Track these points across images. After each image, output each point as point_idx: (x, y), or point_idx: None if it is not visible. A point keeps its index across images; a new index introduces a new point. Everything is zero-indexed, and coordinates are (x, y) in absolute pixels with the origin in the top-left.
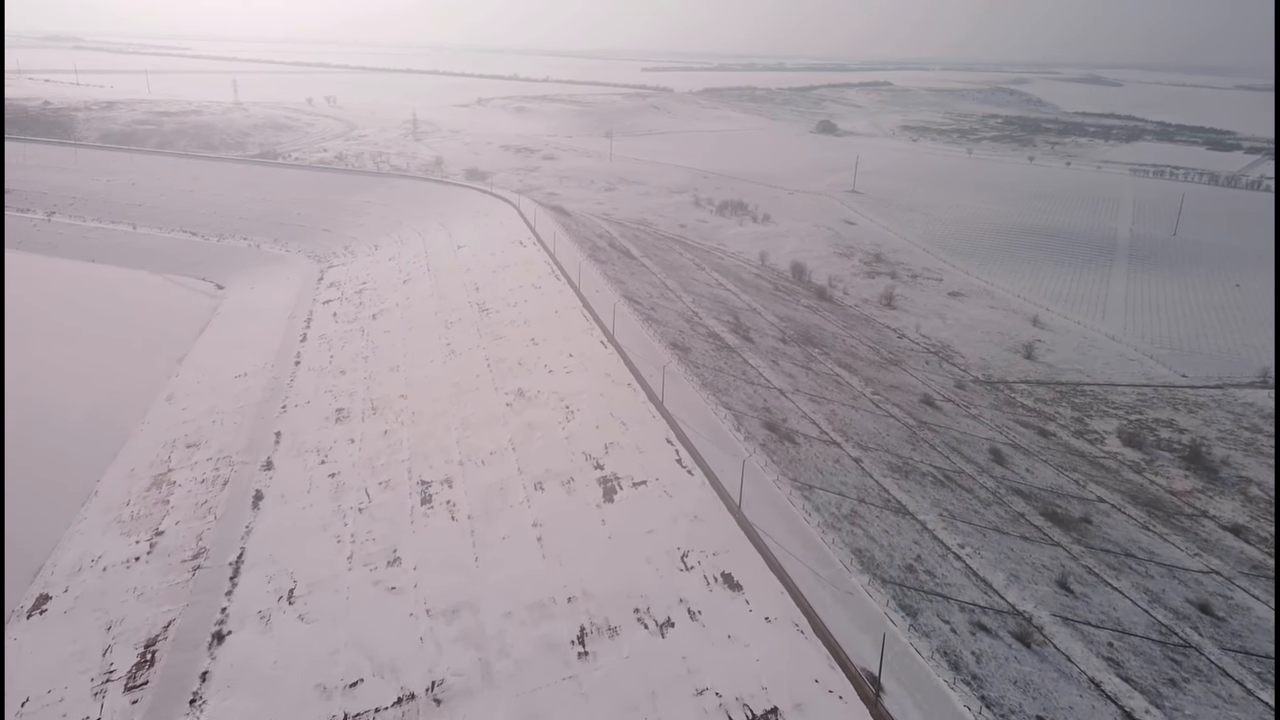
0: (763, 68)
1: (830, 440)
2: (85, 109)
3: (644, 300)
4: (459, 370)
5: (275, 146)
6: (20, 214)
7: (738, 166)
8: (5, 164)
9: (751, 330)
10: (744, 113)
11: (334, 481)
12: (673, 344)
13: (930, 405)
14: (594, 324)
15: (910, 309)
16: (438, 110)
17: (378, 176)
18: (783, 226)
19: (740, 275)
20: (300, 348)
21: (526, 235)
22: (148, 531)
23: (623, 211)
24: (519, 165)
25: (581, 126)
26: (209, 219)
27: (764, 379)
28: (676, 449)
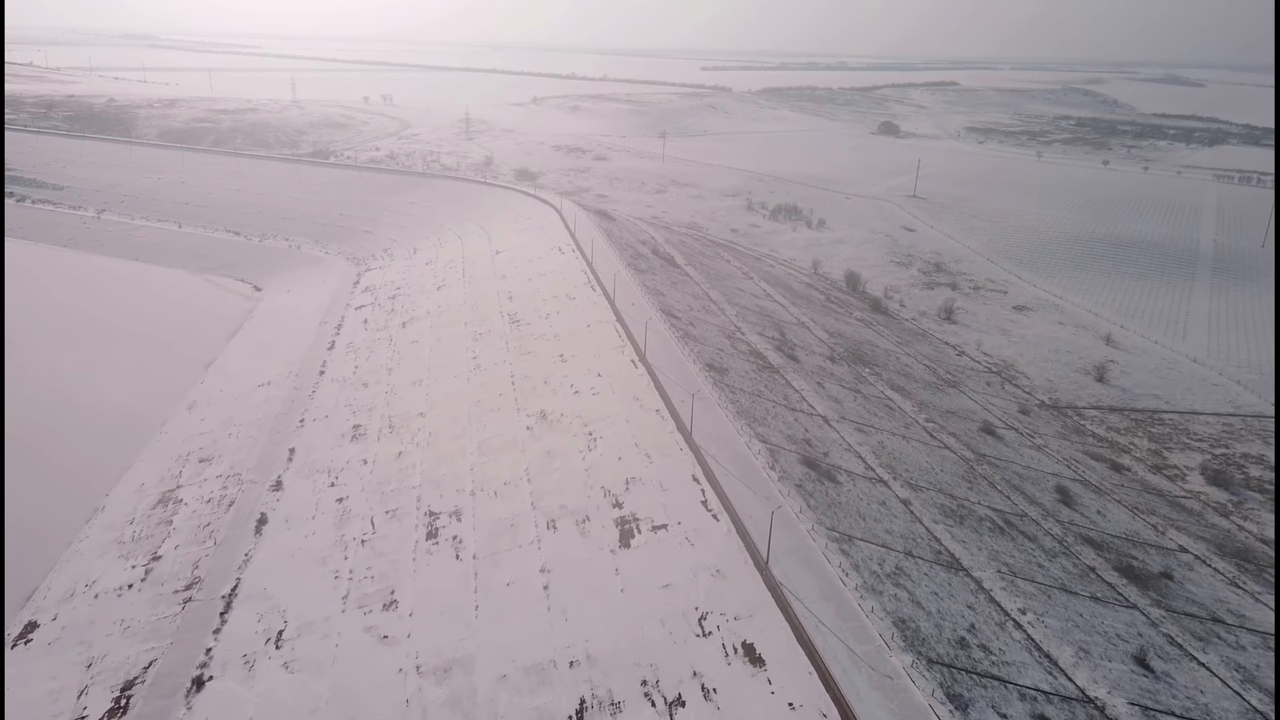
0: (825, 66)
1: (876, 478)
2: (147, 106)
3: (683, 314)
4: (482, 387)
5: (328, 145)
6: (72, 211)
7: (794, 169)
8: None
9: (797, 347)
10: (803, 113)
11: (341, 507)
12: (709, 365)
13: (990, 434)
14: (626, 341)
15: (971, 323)
16: (492, 109)
17: (422, 177)
18: (838, 233)
19: (790, 285)
20: (327, 356)
21: (566, 241)
22: (145, 555)
23: (672, 215)
24: (570, 166)
25: (636, 126)
26: (253, 218)
27: (807, 404)
28: (703, 488)
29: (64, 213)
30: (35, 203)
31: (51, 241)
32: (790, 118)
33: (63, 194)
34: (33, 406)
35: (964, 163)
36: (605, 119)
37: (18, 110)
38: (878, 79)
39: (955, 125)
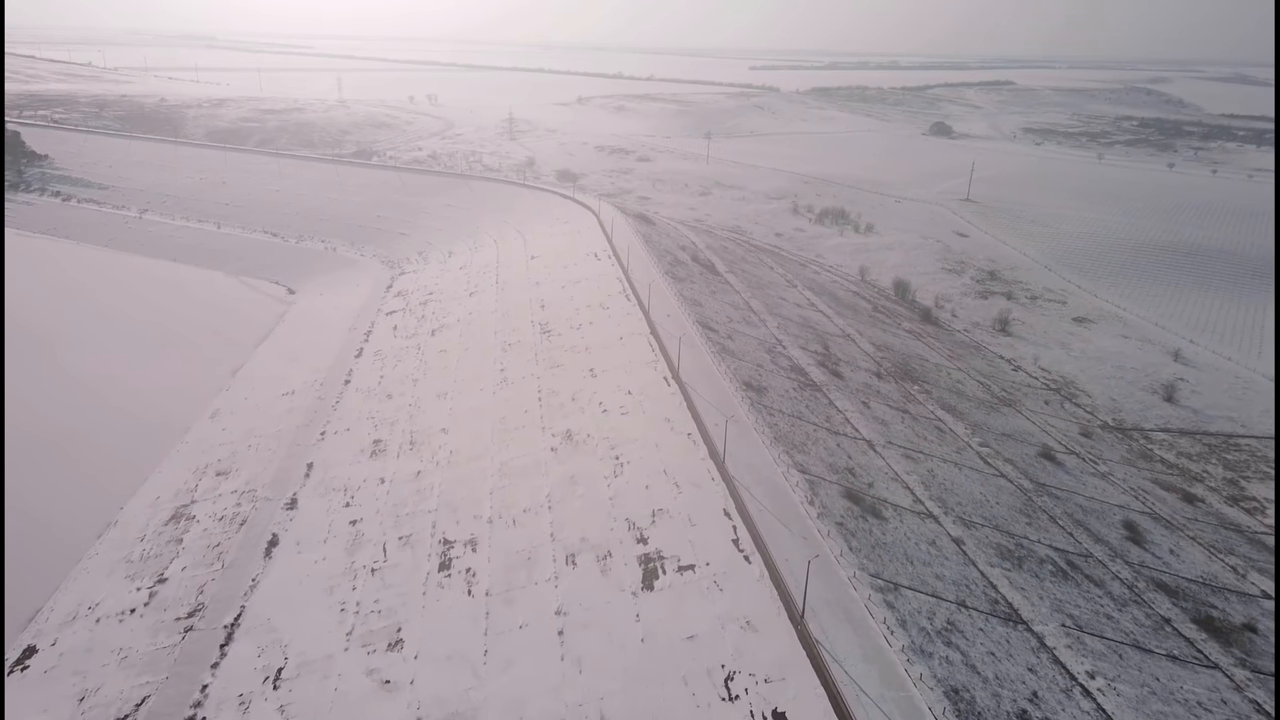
0: (875, 66)
1: (926, 513)
2: (196, 106)
3: (721, 326)
4: (508, 403)
5: (372, 145)
6: (115, 211)
7: (842, 171)
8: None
9: (842, 362)
10: (852, 113)
11: (354, 530)
12: (746, 384)
13: (1050, 460)
14: (659, 356)
15: (1028, 336)
16: (537, 109)
17: (460, 178)
18: (887, 238)
19: (836, 293)
20: (354, 364)
21: (603, 247)
22: (151, 577)
23: (715, 218)
24: (612, 167)
25: (681, 127)
26: (290, 220)
27: (851, 427)
28: (734, 525)
29: (107, 212)
30: (81, 202)
31: (93, 241)
32: (839, 118)
33: (108, 193)
34: (63, 410)
35: (1020, 165)
36: (650, 119)
37: (71, 110)
38: (930, 78)
39: (1011, 126)
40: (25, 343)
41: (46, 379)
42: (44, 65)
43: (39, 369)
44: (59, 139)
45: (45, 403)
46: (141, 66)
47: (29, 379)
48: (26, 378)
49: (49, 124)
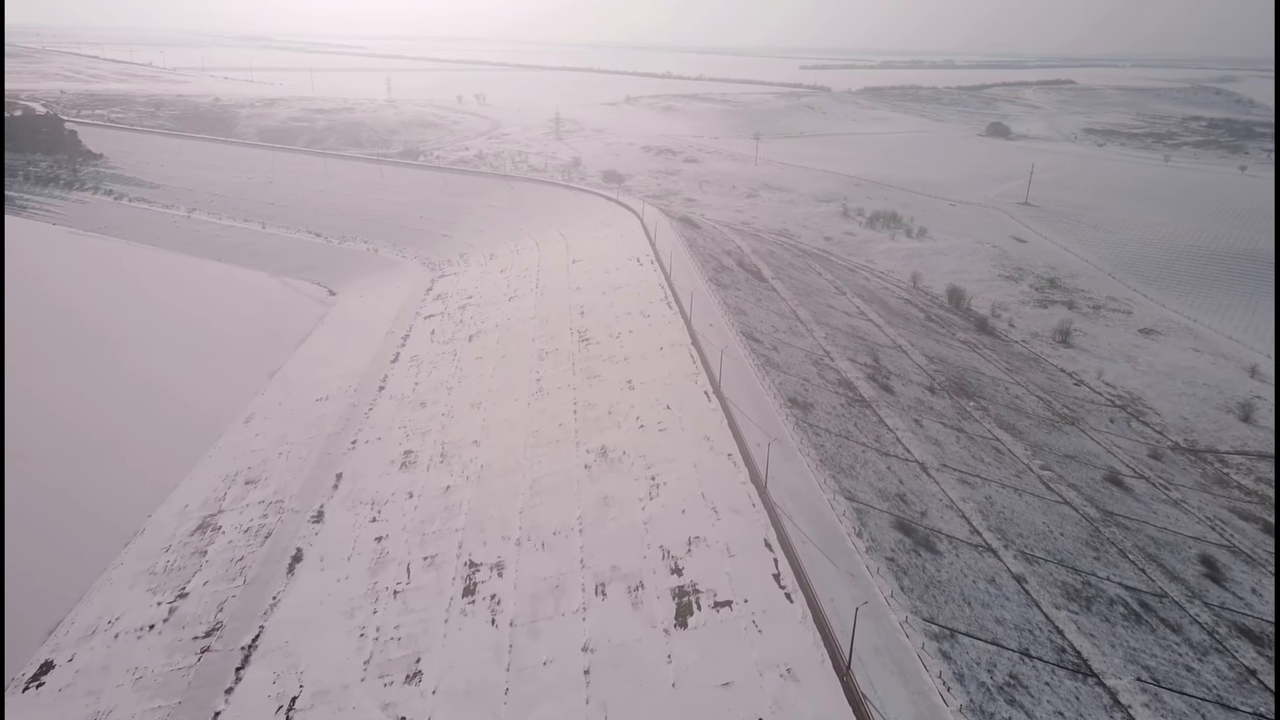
0: (930, 65)
1: (984, 546)
2: (249, 106)
3: (766, 337)
4: (543, 415)
5: (419, 144)
6: (164, 210)
7: (894, 173)
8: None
9: (893, 376)
10: (905, 114)
11: (379, 548)
12: (791, 400)
13: (1117, 485)
14: (701, 368)
15: (1091, 348)
16: (584, 108)
17: (504, 179)
18: (941, 243)
19: (887, 301)
20: (389, 370)
21: (646, 251)
22: (173, 591)
23: (763, 221)
24: (659, 168)
25: (729, 127)
26: (334, 220)
27: (902, 448)
28: (776, 558)
29: (157, 211)
30: (132, 201)
31: (142, 240)
32: (892, 118)
33: (158, 192)
34: (101, 411)
35: (1082, 167)
36: (698, 119)
37: (128, 109)
38: (985, 77)
39: (1072, 127)
40: (70, 342)
41: (89, 379)
42: (106, 65)
43: (84, 369)
44: (114, 138)
45: (84, 403)
46: (199, 66)
47: (72, 379)
48: (69, 377)
49: (106, 123)
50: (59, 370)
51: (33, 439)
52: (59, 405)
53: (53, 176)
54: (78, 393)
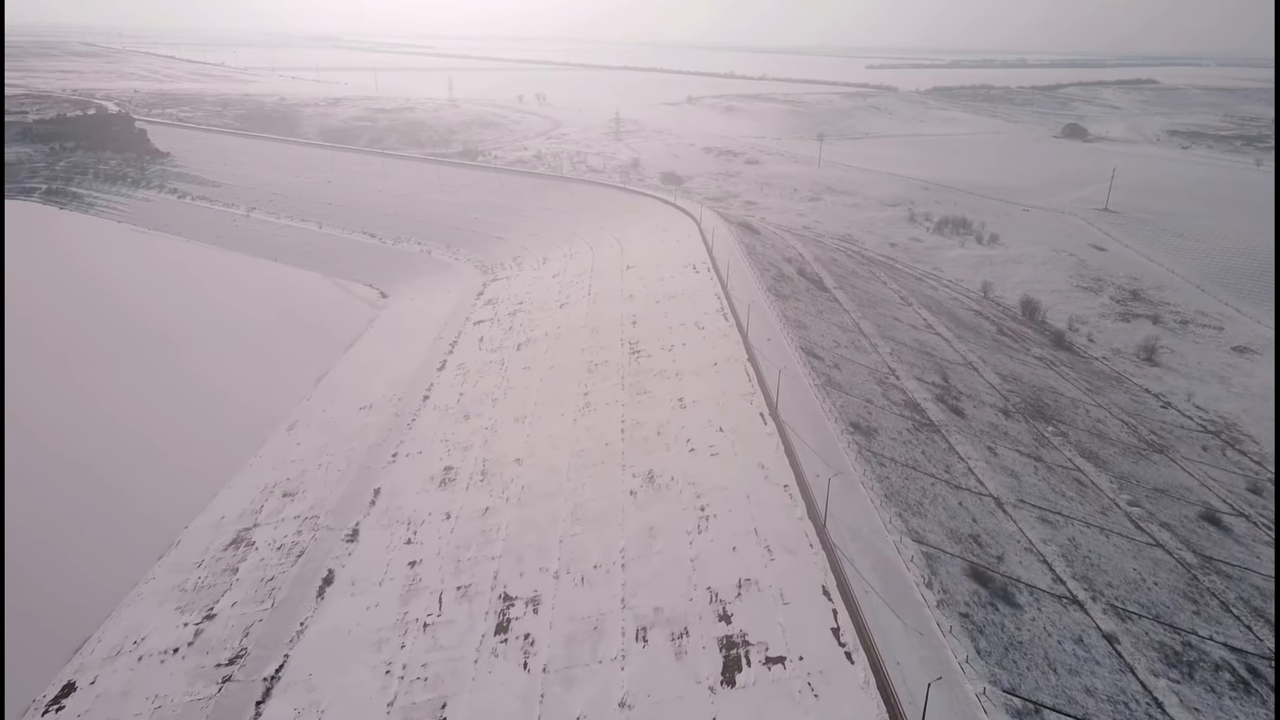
0: (1001, 64)
1: (1069, 598)
2: (313, 105)
3: (826, 353)
4: (589, 433)
5: (478, 144)
6: (225, 209)
7: (964, 176)
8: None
9: (964, 397)
10: (976, 114)
11: (411, 574)
12: (854, 424)
13: (1215, 524)
14: (757, 387)
15: (1179, 367)
16: (645, 108)
17: (561, 181)
18: (1013, 250)
19: (956, 313)
20: (435, 378)
21: (702, 258)
22: (201, 611)
23: (825, 225)
24: (719, 170)
25: (792, 128)
26: (389, 221)
27: (974, 480)
28: (835, 609)
29: (217, 210)
30: (195, 200)
31: (202, 239)
32: (961, 119)
33: (220, 191)
34: (153, 414)
35: (1166, 171)
36: (760, 120)
37: (197, 108)
38: (1060, 76)
39: (1154, 128)
40: (133, 342)
41: (148, 380)
42: (181, 66)
43: (143, 369)
44: (181, 137)
45: (141, 405)
46: (269, 66)
47: (132, 379)
48: (130, 378)
49: (174, 122)
50: (120, 370)
51: (88, 441)
52: (117, 406)
53: (121, 174)
54: (136, 394)
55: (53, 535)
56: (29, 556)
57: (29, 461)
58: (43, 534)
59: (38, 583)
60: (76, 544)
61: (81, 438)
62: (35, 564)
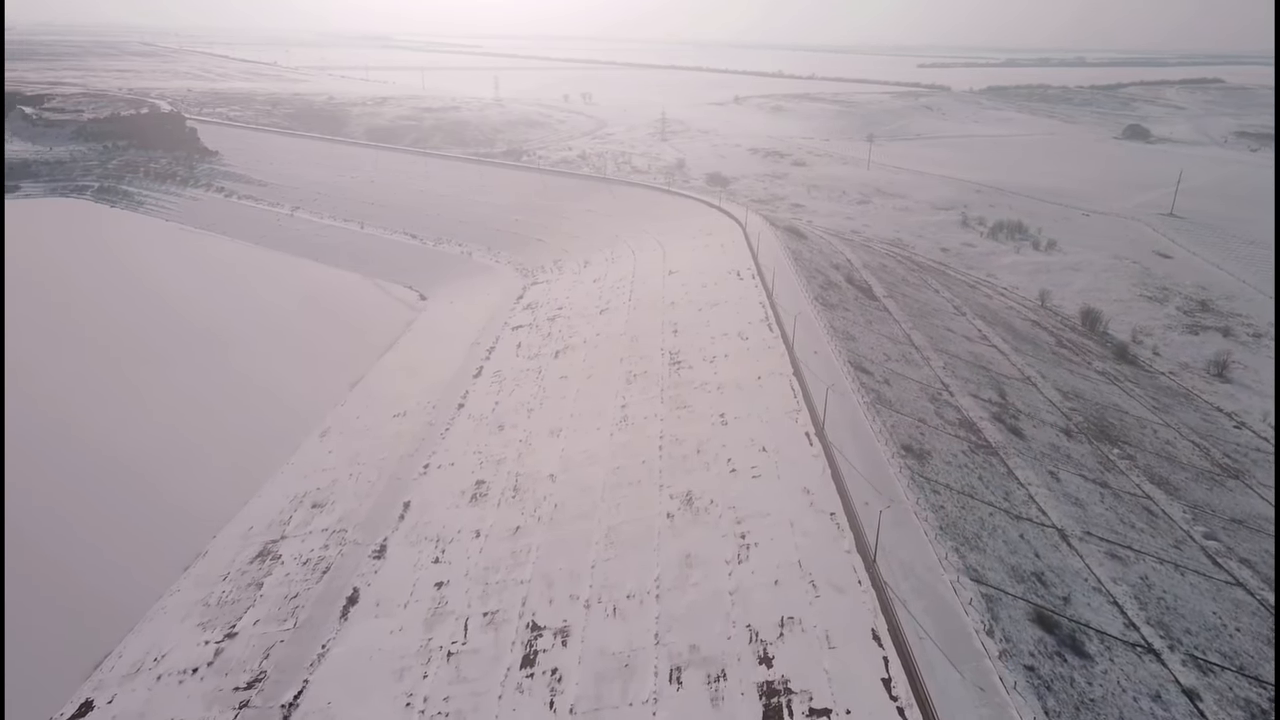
0: (1058, 63)
1: (1143, 646)
2: (360, 104)
3: (876, 367)
4: (625, 449)
5: (523, 144)
6: (270, 208)
7: (1020, 179)
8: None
9: (1022, 415)
10: (1032, 114)
11: (437, 596)
12: (905, 446)
13: None
14: (802, 404)
15: (1252, 384)
16: (691, 108)
17: (604, 182)
18: (1072, 256)
19: (1011, 323)
20: (470, 385)
21: (747, 264)
22: (223, 629)
23: (874, 229)
24: (765, 171)
25: (841, 129)
26: (431, 221)
27: (1036, 509)
28: (886, 656)
29: (262, 209)
30: (241, 198)
31: (245, 238)
32: (1017, 119)
33: (265, 190)
34: (184, 415)
35: (1234, 174)
36: (809, 120)
37: (247, 107)
38: (1122, 75)
39: (1221, 129)
40: (181, 342)
41: (180, 381)
42: (234, 65)
43: (189, 370)
44: (230, 136)
45: (183, 406)
46: (319, 65)
47: (177, 379)
48: (174, 378)
49: (224, 121)
50: (160, 370)
51: (126, 442)
52: (155, 406)
53: (171, 173)
54: (174, 394)
55: (88, 540)
56: (65, 560)
57: (69, 463)
58: (78, 538)
59: (71, 588)
60: (109, 552)
61: (119, 438)
62: (70, 568)
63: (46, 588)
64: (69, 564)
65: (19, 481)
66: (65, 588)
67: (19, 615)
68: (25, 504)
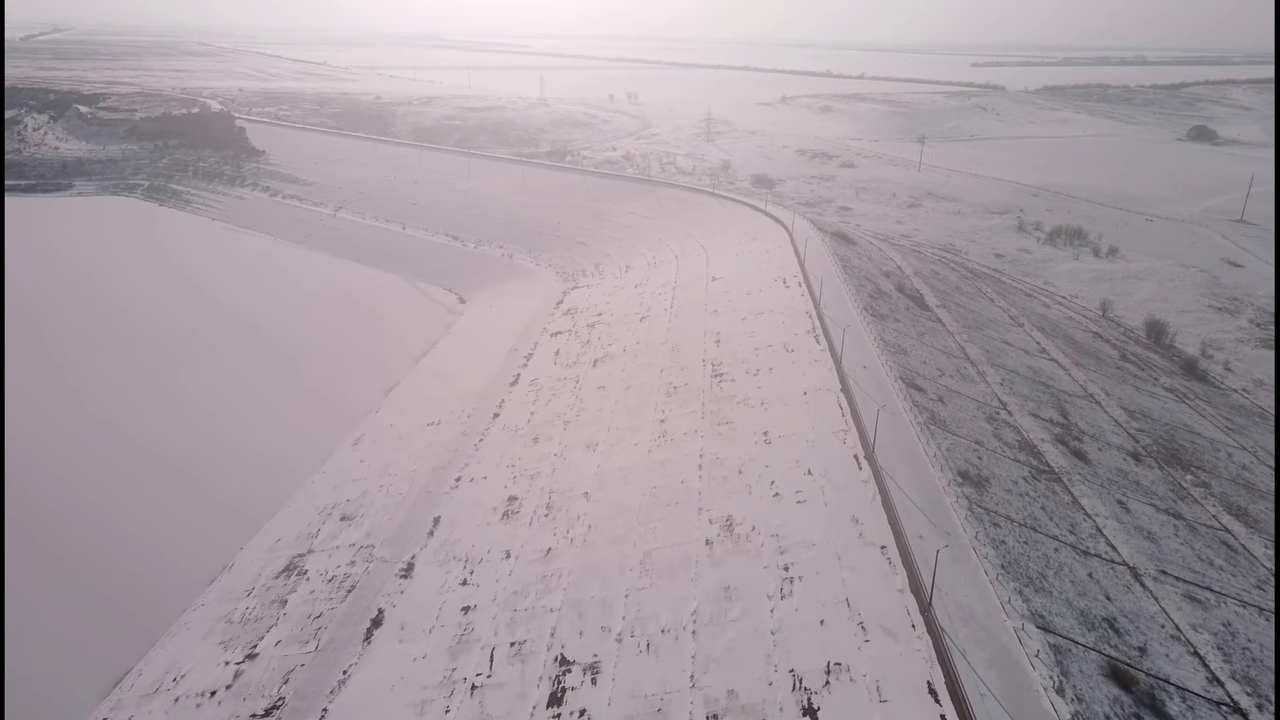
0: (1118, 61)
1: (1229, 705)
2: (406, 104)
3: (929, 383)
4: (663, 467)
5: (567, 144)
6: (313, 208)
7: (1078, 182)
8: (301, 157)
9: (1086, 437)
10: (1091, 115)
11: (464, 621)
12: (962, 473)
13: None
14: (850, 424)
15: None
16: (738, 108)
17: (648, 184)
18: (1135, 264)
19: (1071, 334)
20: (506, 394)
21: (793, 271)
22: (243, 649)
23: (925, 233)
24: (812, 173)
25: (891, 129)
26: (472, 223)
27: (1104, 543)
28: (944, 715)
29: (306, 209)
30: (285, 198)
31: (288, 238)
32: (1075, 120)
33: (309, 190)
34: (220, 420)
35: None
36: (858, 120)
37: (295, 106)
38: (1185, 74)
39: None
40: (212, 342)
41: (220, 383)
42: (286, 65)
43: (218, 372)
44: (277, 135)
45: (210, 410)
46: (368, 65)
47: (207, 380)
48: (205, 378)
49: (272, 120)
50: (201, 371)
51: (163, 446)
52: (194, 409)
53: (218, 172)
54: (213, 397)
55: (119, 547)
56: (97, 566)
57: (109, 464)
58: (111, 546)
59: (99, 598)
60: (138, 563)
61: (156, 442)
62: (103, 574)
63: (73, 598)
64: (103, 569)
65: (55, 482)
66: (94, 597)
67: (45, 627)
68: (56, 508)
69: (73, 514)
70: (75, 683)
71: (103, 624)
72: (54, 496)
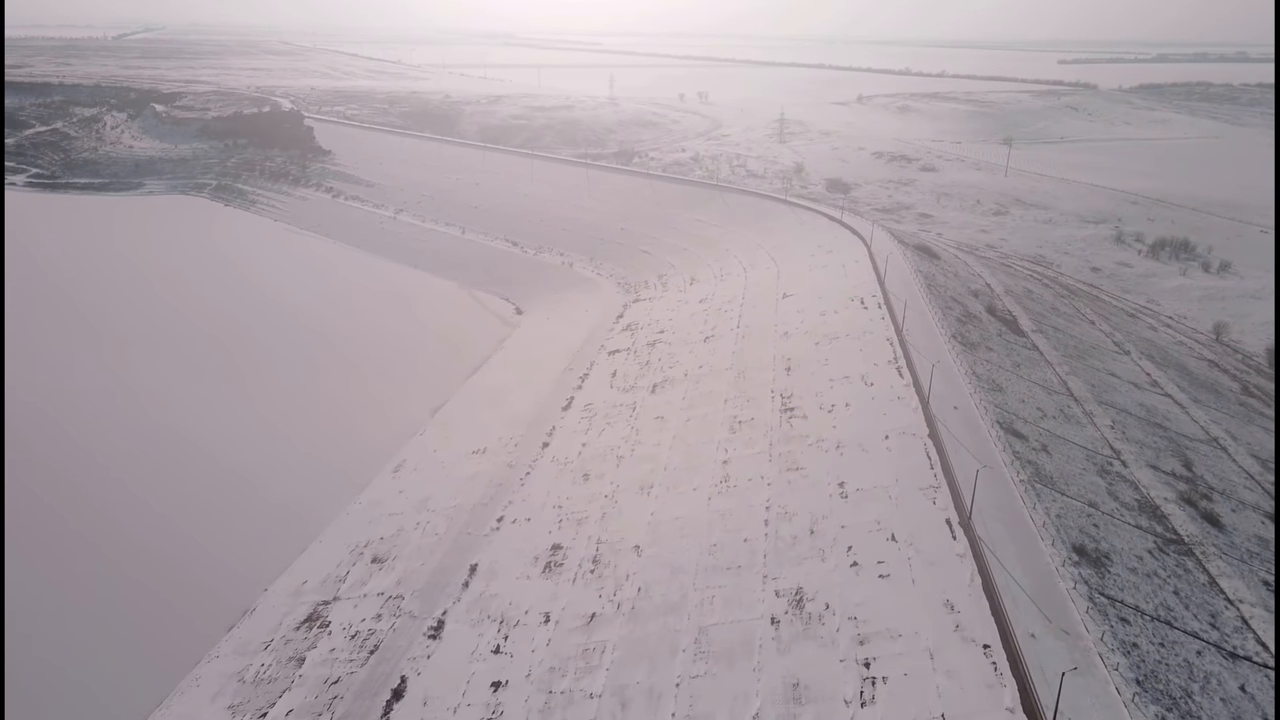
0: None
1: None
2: (474, 103)
3: (1029, 427)
4: (724, 520)
5: (635, 144)
6: (374, 210)
7: (1182, 189)
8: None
9: (1216, 494)
10: (1193, 115)
11: (493, 701)
12: (1077, 548)
13: None
14: (941, 478)
15: None
16: (812, 108)
17: (715, 190)
18: (1250, 281)
19: (1184, 363)
20: (558, 420)
21: (872, 289)
22: (253, 715)
23: (1012, 244)
24: (890, 177)
25: (974, 131)
26: (533, 228)
27: (1253, 639)
28: None
29: (367, 211)
30: (347, 199)
31: (348, 241)
32: (1175, 121)
33: (372, 191)
34: (261, 438)
35: None
36: (938, 121)
37: (364, 105)
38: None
39: None
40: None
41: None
42: (360, 63)
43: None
44: (344, 135)
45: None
46: (441, 63)
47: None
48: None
49: (340, 120)
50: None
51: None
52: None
53: (284, 172)
54: (257, 413)
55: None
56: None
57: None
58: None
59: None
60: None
61: (197, 465)
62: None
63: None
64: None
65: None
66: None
67: (61, 676)
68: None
69: (103, 549)
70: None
71: (118, 674)
72: (55, 499)
